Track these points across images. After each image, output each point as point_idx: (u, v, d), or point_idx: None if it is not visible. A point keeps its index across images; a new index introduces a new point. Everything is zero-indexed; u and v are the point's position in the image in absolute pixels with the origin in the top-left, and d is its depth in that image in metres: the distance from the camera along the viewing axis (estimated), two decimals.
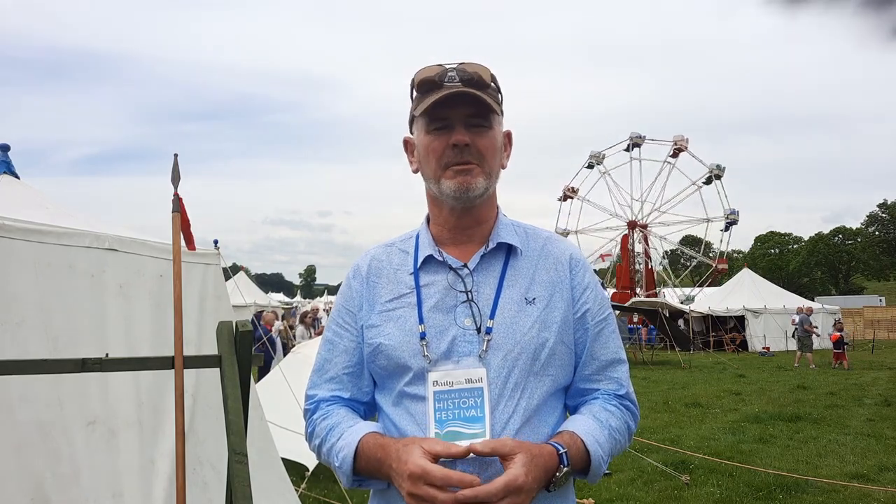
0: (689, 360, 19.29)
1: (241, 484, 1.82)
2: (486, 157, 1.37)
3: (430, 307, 1.37)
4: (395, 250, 1.49)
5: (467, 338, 1.34)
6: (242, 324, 2.14)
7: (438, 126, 1.36)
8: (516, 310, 1.36)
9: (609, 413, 1.39)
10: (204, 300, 3.93)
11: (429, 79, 1.35)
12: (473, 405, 1.27)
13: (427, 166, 1.40)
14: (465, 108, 1.34)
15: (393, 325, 1.38)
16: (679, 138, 38.63)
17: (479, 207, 1.42)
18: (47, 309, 2.90)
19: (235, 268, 29.26)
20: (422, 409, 1.31)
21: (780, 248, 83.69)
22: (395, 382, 1.36)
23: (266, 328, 12.58)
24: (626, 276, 38.51)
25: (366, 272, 1.46)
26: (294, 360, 6.77)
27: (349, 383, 1.44)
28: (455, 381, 1.28)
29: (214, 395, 3.43)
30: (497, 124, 1.41)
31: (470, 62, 1.37)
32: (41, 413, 2.79)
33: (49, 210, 3.44)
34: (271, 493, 4.15)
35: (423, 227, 1.48)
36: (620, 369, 1.45)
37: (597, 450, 1.30)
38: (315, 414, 1.44)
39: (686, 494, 5.93)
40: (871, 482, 6.15)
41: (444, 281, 1.39)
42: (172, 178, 2.17)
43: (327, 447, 1.37)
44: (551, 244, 1.48)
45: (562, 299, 1.40)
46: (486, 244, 1.42)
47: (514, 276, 1.40)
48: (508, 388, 1.31)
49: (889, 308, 39.38)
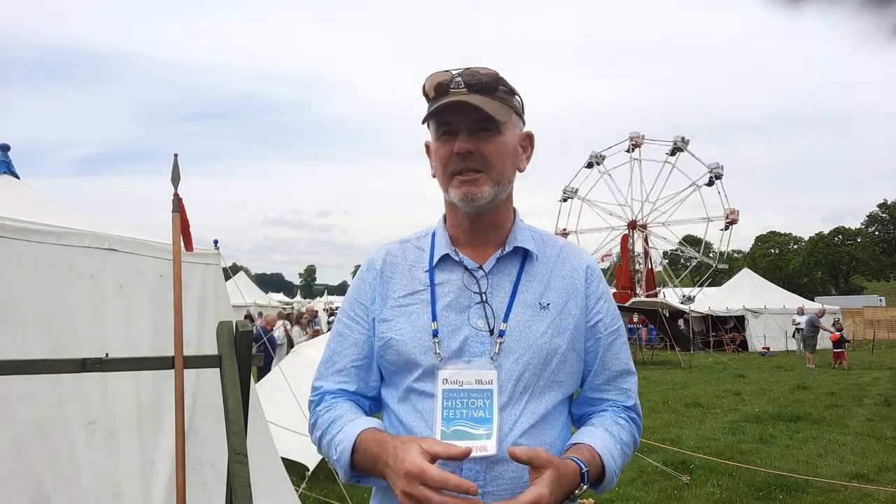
0: (689, 360, 19.29)
1: (241, 484, 1.82)
2: (492, 163, 1.35)
3: (443, 305, 1.37)
4: (411, 247, 1.49)
5: (480, 339, 1.34)
6: (242, 324, 2.14)
7: (445, 131, 1.36)
8: (530, 314, 1.36)
9: (620, 427, 1.41)
10: (204, 300, 3.93)
11: (436, 85, 1.36)
12: (482, 406, 1.26)
13: (438, 173, 1.41)
14: (469, 113, 1.34)
15: (405, 321, 1.38)
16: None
17: (491, 213, 1.41)
18: (47, 309, 2.90)
19: (235, 268, 29.27)
20: (429, 407, 1.30)
21: (780, 249, 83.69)
22: (404, 378, 1.36)
23: (266, 328, 12.59)
24: (626, 276, 38.50)
25: (380, 266, 1.46)
26: (294, 360, 6.77)
27: (356, 376, 1.44)
28: (465, 381, 1.28)
29: (214, 395, 3.43)
30: (508, 128, 1.38)
31: (477, 67, 1.36)
32: (41, 413, 2.79)
33: (49, 210, 3.44)
34: (271, 493, 4.15)
35: (440, 226, 1.48)
36: (630, 380, 1.46)
37: (611, 465, 1.32)
38: (319, 406, 1.44)
39: (686, 494, 5.93)
40: (871, 482, 6.15)
41: (458, 281, 1.39)
42: (172, 178, 2.18)
43: (327, 439, 1.37)
44: (567, 252, 1.48)
45: (576, 307, 1.40)
46: (502, 247, 1.42)
47: (529, 280, 1.40)
48: (518, 391, 1.31)
49: (889, 308, 39.37)
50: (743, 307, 25.63)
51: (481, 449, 1.21)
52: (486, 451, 1.22)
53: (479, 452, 1.20)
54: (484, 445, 1.21)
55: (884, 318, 34.22)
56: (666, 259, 43.10)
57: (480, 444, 1.21)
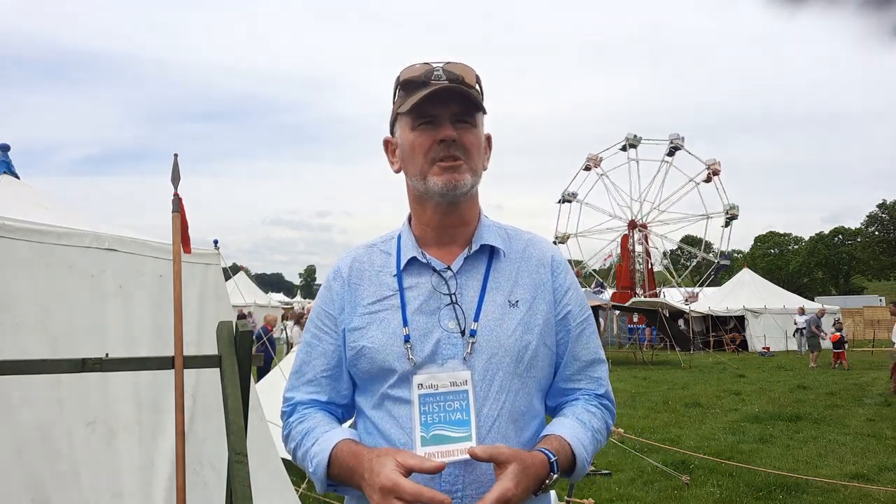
0: (689, 360, 19.30)
1: (241, 484, 1.82)
2: (472, 153, 1.37)
3: (414, 309, 1.36)
4: (377, 251, 1.47)
5: (452, 340, 1.33)
6: (242, 324, 2.14)
7: (424, 122, 1.36)
8: (500, 312, 1.36)
9: (591, 414, 1.41)
10: (204, 300, 3.93)
11: (415, 77, 1.36)
12: (459, 408, 1.26)
13: (412, 163, 1.39)
14: (453, 105, 1.34)
15: (376, 328, 1.36)
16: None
17: (463, 206, 1.41)
18: (47, 309, 2.90)
19: (235, 268, 29.32)
20: (405, 413, 1.30)
21: (779, 249, 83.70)
22: (378, 385, 1.36)
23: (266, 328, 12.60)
24: (627, 276, 38.53)
25: (347, 274, 1.45)
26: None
27: (327, 386, 1.43)
28: (440, 385, 1.27)
29: (214, 395, 3.43)
30: (481, 124, 1.42)
31: (455, 62, 1.38)
32: (41, 413, 2.79)
33: (49, 210, 3.44)
34: (271, 493, 4.15)
35: (405, 228, 1.47)
36: (601, 369, 1.47)
37: (582, 452, 1.32)
38: (292, 417, 1.44)
39: (686, 494, 5.94)
40: (871, 482, 6.15)
41: (427, 283, 1.38)
42: (172, 178, 2.18)
43: (302, 451, 1.36)
44: (533, 246, 1.48)
45: (544, 301, 1.41)
46: (469, 246, 1.41)
47: (497, 278, 1.40)
48: (493, 390, 1.32)
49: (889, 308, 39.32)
50: (743, 307, 25.63)
51: (462, 452, 1.21)
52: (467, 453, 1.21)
53: (460, 456, 1.20)
54: (464, 448, 1.21)
55: (884, 318, 34.16)
56: (666, 259, 43.05)
57: (461, 447, 1.21)
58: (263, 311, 21.10)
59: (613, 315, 28.63)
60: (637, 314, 25.83)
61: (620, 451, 7.19)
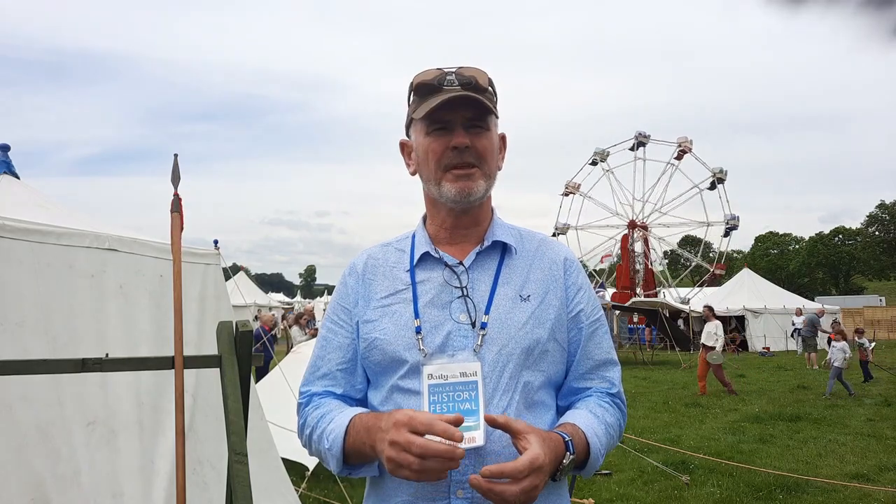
0: (689, 360, 19.28)
1: (241, 484, 1.81)
2: (485, 158, 1.40)
3: (425, 302, 1.38)
4: (392, 249, 1.51)
5: (462, 332, 1.35)
6: (242, 324, 2.14)
7: (438, 128, 1.38)
8: (511, 306, 1.38)
9: (604, 409, 1.42)
10: (204, 300, 3.93)
11: (428, 82, 1.38)
12: (468, 398, 1.27)
13: (426, 168, 1.42)
14: (465, 110, 1.36)
15: (388, 320, 1.39)
16: (683, 140, 38.55)
17: (476, 209, 1.45)
18: (47, 309, 2.90)
19: (235, 268, 29.32)
20: (414, 403, 1.31)
21: (779, 249, 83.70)
22: (389, 377, 1.37)
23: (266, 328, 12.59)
24: (626, 276, 38.47)
25: (361, 269, 1.48)
26: (294, 360, 6.77)
27: (342, 379, 1.45)
28: (450, 375, 1.28)
29: (214, 395, 3.43)
30: (494, 126, 1.44)
31: (468, 66, 1.40)
32: (41, 413, 2.79)
33: (49, 210, 3.44)
34: (271, 493, 4.15)
35: (420, 227, 1.51)
36: (613, 370, 1.48)
37: (596, 442, 1.32)
38: (307, 406, 1.45)
39: (686, 494, 5.94)
40: (871, 482, 6.15)
41: (439, 277, 1.41)
42: (172, 178, 2.17)
43: (318, 433, 1.37)
44: (546, 246, 1.51)
45: (556, 298, 1.42)
46: (481, 242, 1.44)
47: (508, 273, 1.42)
48: (503, 382, 1.33)
49: (889, 308, 39.34)
50: (743, 307, 25.62)
51: (470, 440, 1.21)
52: (475, 442, 1.22)
53: (468, 444, 1.20)
54: (473, 437, 1.22)
55: (884, 318, 34.21)
56: (666, 259, 43.02)
57: (469, 436, 1.21)
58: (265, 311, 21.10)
59: (613, 315, 28.64)
60: (637, 314, 25.82)
61: (620, 451, 7.19)
